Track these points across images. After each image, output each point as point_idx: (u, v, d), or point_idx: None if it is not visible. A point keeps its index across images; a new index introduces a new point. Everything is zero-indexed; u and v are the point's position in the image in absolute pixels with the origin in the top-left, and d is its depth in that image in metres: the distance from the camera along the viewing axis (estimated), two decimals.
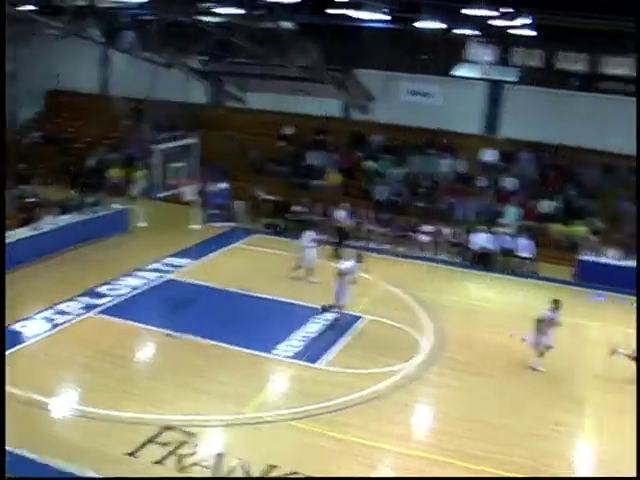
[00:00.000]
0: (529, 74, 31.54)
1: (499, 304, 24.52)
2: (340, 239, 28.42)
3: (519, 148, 33.36)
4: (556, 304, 19.31)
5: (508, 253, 28.40)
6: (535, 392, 18.04)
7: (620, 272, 26.97)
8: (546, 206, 31.05)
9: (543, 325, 19.14)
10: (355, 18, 24.24)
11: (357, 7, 22.14)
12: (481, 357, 19.80)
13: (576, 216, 30.38)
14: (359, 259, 21.80)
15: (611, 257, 27.93)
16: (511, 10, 22.27)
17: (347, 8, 22.57)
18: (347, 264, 21.46)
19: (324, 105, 34.50)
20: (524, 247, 28.31)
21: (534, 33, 26.56)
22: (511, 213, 30.49)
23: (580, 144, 32.48)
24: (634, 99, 29.01)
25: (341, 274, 21.11)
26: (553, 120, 32.33)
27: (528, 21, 23.91)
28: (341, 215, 29.57)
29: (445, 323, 21.89)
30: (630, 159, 31.00)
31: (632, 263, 26.98)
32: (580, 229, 29.65)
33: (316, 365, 18.51)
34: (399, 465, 14.41)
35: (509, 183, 32.29)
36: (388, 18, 24.37)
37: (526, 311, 21.35)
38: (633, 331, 18.67)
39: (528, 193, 31.71)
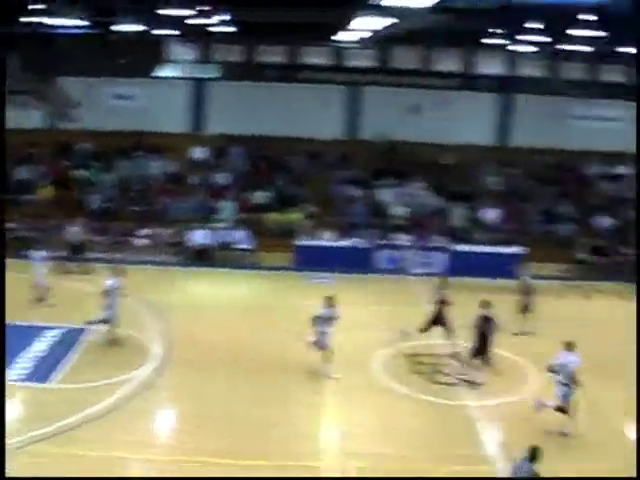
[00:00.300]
0: (230, 69, 32.10)
1: (225, 298, 24.82)
2: (74, 253, 27.42)
3: (228, 143, 33.80)
4: (330, 301, 18.96)
5: (227, 247, 28.76)
6: (270, 382, 18.19)
7: (335, 253, 28.27)
8: (259, 197, 31.76)
9: (321, 322, 18.87)
10: (51, 25, 23.36)
11: (51, 14, 21.18)
12: (210, 353, 19.82)
13: (289, 203, 31.34)
14: (120, 273, 20.80)
15: (326, 239, 29.12)
16: (208, 8, 22.41)
17: (41, 15, 21.55)
18: (110, 281, 20.62)
19: (28, 116, 32.95)
20: (242, 239, 28.85)
21: (233, 29, 26.95)
22: (226, 207, 30.84)
23: (286, 133, 33.42)
24: (335, 86, 30.54)
25: (107, 292, 20.21)
26: (259, 112, 33.07)
27: (226, 17, 24.20)
28: (74, 230, 28.36)
29: (173, 324, 21.72)
30: (336, 144, 32.61)
31: (346, 243, 28.42)
32: (294, 216, 30.62)
33: (48, 384, 17.60)
34: (146, 471, 14.12)
35: (221, 178, 32.66)
36: (86, 23, 23.62)
37: (250, 302, 21.76)
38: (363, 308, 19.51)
39: (241, 186, 32.27)
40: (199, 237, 28.70)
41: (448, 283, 21.61)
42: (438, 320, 20.52)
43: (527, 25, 19.21)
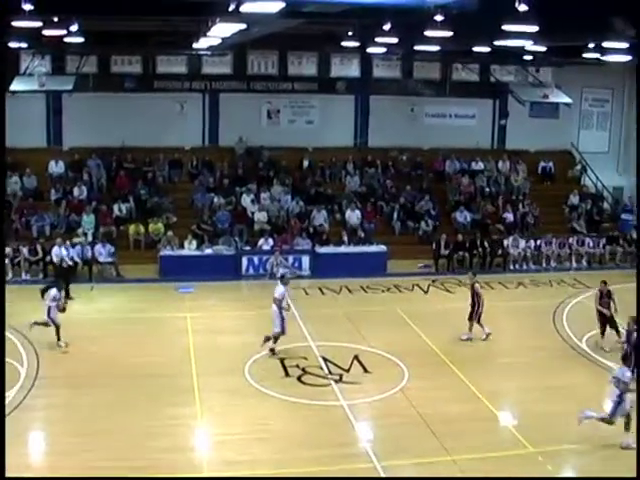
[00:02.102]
0: (86, 81, 31.41)
1: (91, 314, 24.23)
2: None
3: (86, 155, 33.01)
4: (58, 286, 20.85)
5: (89, 262, 28.10)
6: (144, 394, 17.89)
7: (199, 261, 28.18)
8: (120, 208, 31.16)
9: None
10: None
11: None
12: (79, 369, 19.32)
13: (151, 214, 30.91)
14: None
15: (190, 248, 28.94)
16: (58, 19, 21.86)
17: None
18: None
19: None
20: (104, 253, 28.25)
21: (84, 39, 26.41)
22: (86, 221, 30.11)
23: (146, 143, 33.02)
24: (194, 94, 30.26)
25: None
26: (117, 123, 32.44)
27: (75, 28, 23.69)
28: None
29: (39, 343, 20.82)
30: (197, 152, 32.43)
31: (210, 251, 28.35)
32: (157, 226, 30.22)
33: None
34: None
35: (80, 192, 31.84)
36: None
37: (117, 315, 21.49)
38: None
39: (101, 199, 31.60)
40: (61, 253, 27.89)
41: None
42: None
43: (380, 27, 19.52)
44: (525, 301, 24.02)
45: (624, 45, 19.01)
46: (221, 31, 20.07)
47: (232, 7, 14.20)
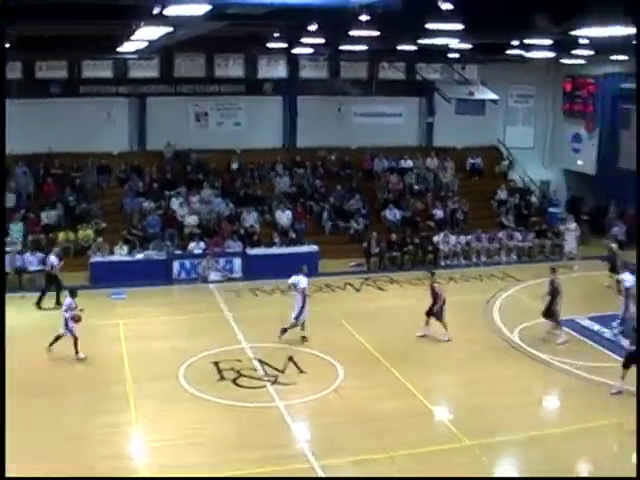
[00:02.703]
0: (10, 87, 30.82)
1: (23, 322, 23.77)
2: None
3: (13, 163, 32.37)
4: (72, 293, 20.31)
5: (21, 271, 27.62)
6: (79, 403, 17.72)
7: (130, 267, 27.88)
8: (49, 216, 30.67)
9: None
10: None
11: None
12: (9, 379, 18.79)
13: (80, 220, 30.49)
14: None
15: (121, 254, 28.64)
16: None
17: None
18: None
19: None
20: (33, 261, 27.79)
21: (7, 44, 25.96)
22: (15, 230, 29.58)
23: (73, 149, 32.51)
24: (121, 99, 29.96)
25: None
26: (43, 129, 31.82)
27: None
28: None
29: None
30: (125, 156, 32.11)
31: (141, 256, 28.05)
32: (86, 232, 29.82)
33: None
34: None
35: (8, 200, 31.23)
36: None
37: (47, 323, 21.24)
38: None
39: (29, 206, 31.06)
40: None
41: None
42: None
43: (306, 28, 19.57)
44: (456, 296, 24.26)
45: (547, 42, 19.35)
46: (146, 34, 19.92)
47: (157, 10, 14.12)
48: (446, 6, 12.82)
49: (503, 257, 31.56)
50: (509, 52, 24.01)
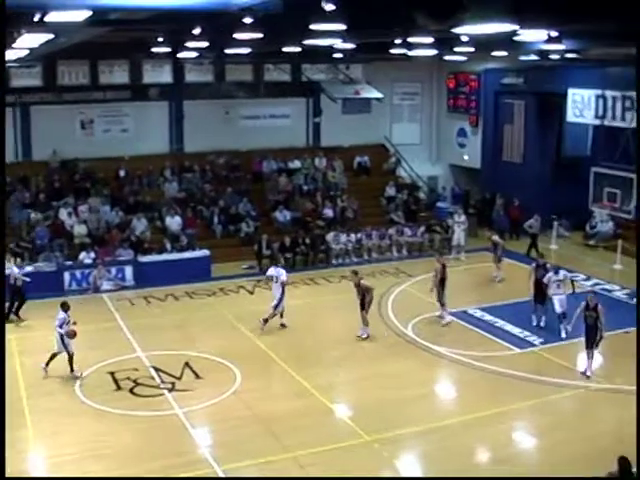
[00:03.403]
0: None
1: None
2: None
3: None
4: (64, 307, 19.86)
5: None
6: None
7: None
8: None
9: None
10: None
11: None
12: None
13: None
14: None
15: (10, 267, 27.83)
16: None
17: None
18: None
19: None
20: None
21: None
22: None
23: None
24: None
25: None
26: None
27: None
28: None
29: None
30: (11, 167, 31.32)
31: (31, 268, 27.38)
32: None
33: None
34: None
35: None
36: None
37: None
38: None
39: None
40: None
41: None
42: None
43: (189, 32, 19.44)
44: (350, 294, 24.42)
45: (429, 40, 19.67)
46: (28, 42, 19.47)
47: (37, 17, 13.82)
48: (329, 7, 12.90)
49: (394, 253, 31.93)
50: (393, 51, 24.27)
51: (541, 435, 16.93)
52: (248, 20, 15.51)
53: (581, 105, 32.96)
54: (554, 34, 17.43)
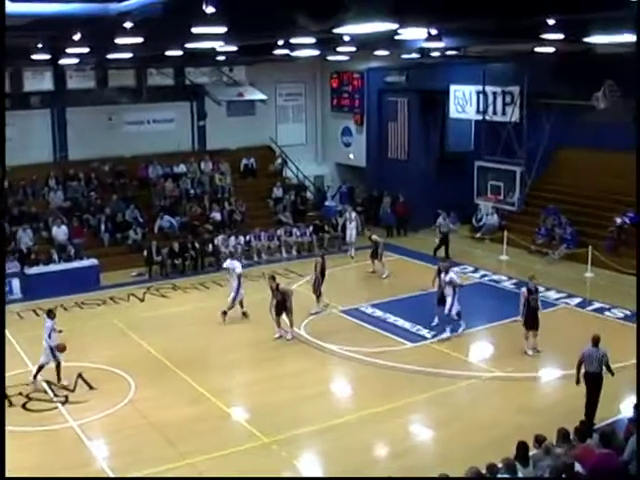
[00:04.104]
0: None
1: None
2: None
3: None
4: (50, 314, 19.68)
5: None
6: None
7: None
8: None
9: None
10: None
11: None
12: None
13: None
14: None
15: None
16: None
17: None
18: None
19: None
20: None
21: None
22: None
23: None
24: None
25: None
26: None
27: None
28: None
29: None
30: None
31: None
32: None
33: None
34: None
35: None
36: None
37: None
38: None
39: None
40: None
41: None
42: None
43: (70, 38, 19.06)
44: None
45: (311, 40, 19.77)
46: None
47: None
48: (210, 9, 12.83)
49: (284, 254, 32.00)
50: (276, 52, 24.32)
51: (437, 427, 17.26)
52: (128, 25, 15.29)
53: (463, 101, 33.78)
54: (434, 32, 17.69)
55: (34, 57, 25.08)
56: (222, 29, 13.89)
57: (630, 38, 15.60)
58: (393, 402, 18.00)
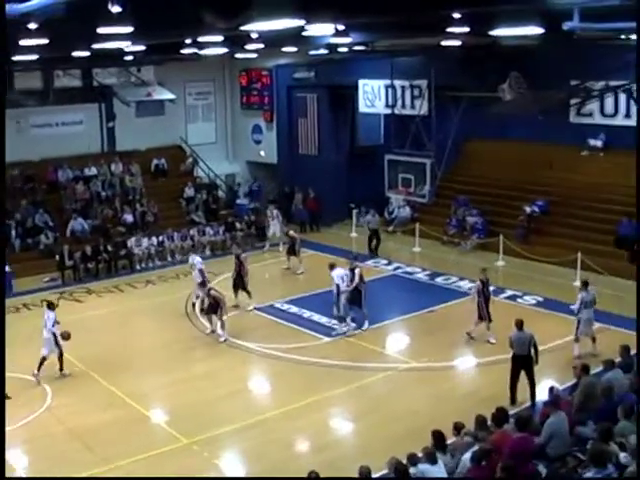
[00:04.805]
0: None
1: None
2: None
3: None
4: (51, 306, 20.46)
5: None
6: None
7: None
8: None
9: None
10: None
11: None
12: None
13: None
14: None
15: None
16: None
17: None
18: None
19: None
20: None
21: None
22: None
23: None
24: None
25: None
26: None
27: None
28: None
29: None
30: None
31: None
32: None
33: None
34: None
35: None
36: None
37: None
38: None
39: None
40: None
41: None
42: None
43: None
44: (156, 298, 24.28)
45: (219, 38, 19.71)
46: None
47: None
48: (115, 9, 12.68)
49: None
50: (184, 51, 24.18)
51: (357, 419, 17.42)
52: (33, 26, 15.03)
53: (372, 95, 34.07)
54: (341, 28, 17.81)
55: None
56: (129, 29, 13.77)
57: (535, 30, 15.95)
58: (312, 397, 18.10)
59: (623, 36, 20.61)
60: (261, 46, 23.48)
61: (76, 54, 23.43)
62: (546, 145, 29.98)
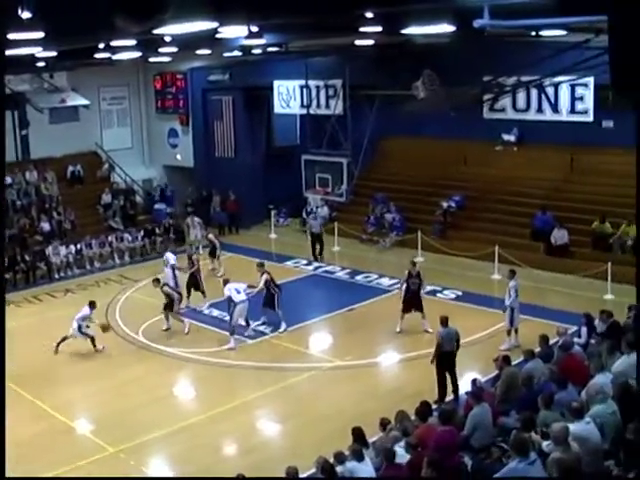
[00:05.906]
0: None
1: None
2: None
3: None
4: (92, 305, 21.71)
5: None
6: None
7: None
8: None
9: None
10: None
11: None
12: None
13: None
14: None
15: None
16: None
17: None
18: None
19: None
20: None
21: None
22: None
23: None
24: None
25: None
26: None
27: None
28: None
29: None
30: None
31: None
32: None
33: None
34: None
35: None
36: None
37: None
38: None
39: None
40: None
41: None
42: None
43: None
44: (76, 307, 23.91)
45: (132, 42, 19.53)
46: None
47: None
48: (26, 14, 12.49)
49: (116, 260, 31.38)
50: (97, 56, 23.82)
51: (284, 420, 17.47)
52: None
53: (287, 96, 34.10)
54: (255, 29, 17.80)
55: None
56: (39, 34, 13.56)
57: (446, 28, 16.17)
58: (238, 399, 18.12)
59: (533, 33, 21.05)
60: (175, 49, 23.32)
61: None
62: (461, 141, 30.47)
